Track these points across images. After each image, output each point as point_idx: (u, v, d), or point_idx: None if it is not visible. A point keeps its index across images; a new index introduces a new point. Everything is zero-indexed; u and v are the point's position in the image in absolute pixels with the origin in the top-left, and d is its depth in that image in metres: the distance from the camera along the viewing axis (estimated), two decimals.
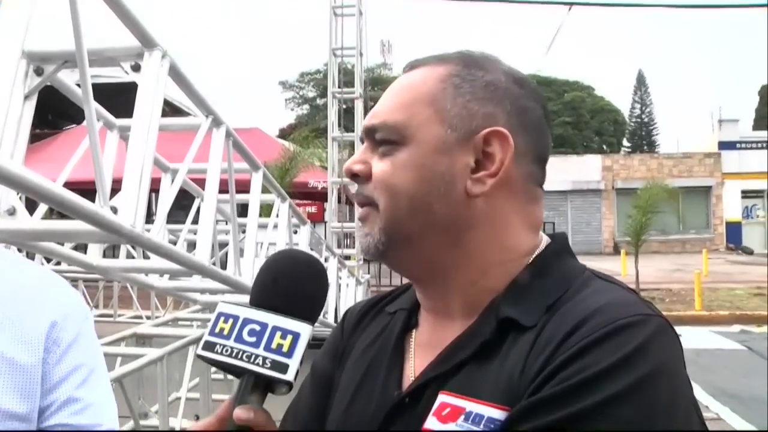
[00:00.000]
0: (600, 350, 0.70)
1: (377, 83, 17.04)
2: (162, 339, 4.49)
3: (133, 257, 3.86)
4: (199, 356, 0.73)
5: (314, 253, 5.82)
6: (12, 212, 2.17)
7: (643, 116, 44.32)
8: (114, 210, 2.02)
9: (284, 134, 25.98)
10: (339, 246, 11.93)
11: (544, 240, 0.91)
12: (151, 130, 2.20)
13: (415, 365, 0.88)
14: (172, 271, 2.87)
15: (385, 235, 0.86)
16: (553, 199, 25.69)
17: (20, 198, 2.14)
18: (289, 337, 0.69)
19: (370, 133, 0.89)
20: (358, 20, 11.93)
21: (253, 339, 0.69)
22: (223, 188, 2.98)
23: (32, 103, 2.20)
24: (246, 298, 2.57)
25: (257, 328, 0.69)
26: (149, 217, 2.29)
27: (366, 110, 12.41)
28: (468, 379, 0.79)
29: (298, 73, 38.72)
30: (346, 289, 7.27)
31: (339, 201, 12.59)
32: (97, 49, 2.24)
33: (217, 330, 0.71)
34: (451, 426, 0.76)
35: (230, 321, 0.71)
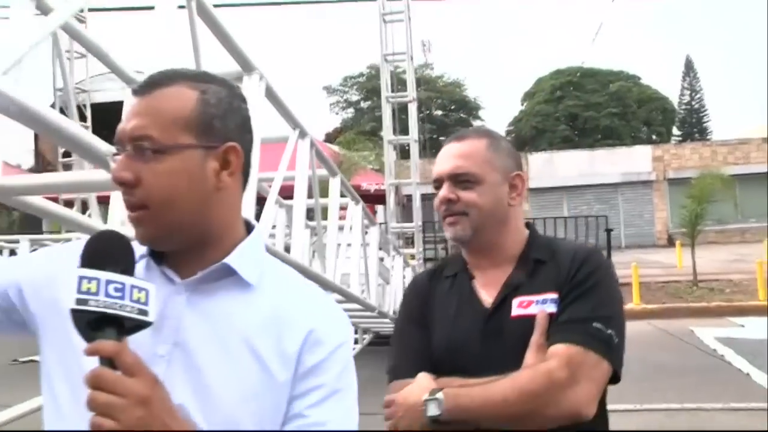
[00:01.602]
0: (588, 263, 1.47)
1: (421, 83, 17.26)
2: None
3: None
4: (73, 311, 0.84)
5: (382, 252, 6.11)
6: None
7: (693, 103, 43.26)
8: None
9: (330, 138, 26.40)
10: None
11: (527, 233, 1.60)
12: (254, 146, 2.47)
13: (485, 295, 1.51)
14: None
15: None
16: (603, 192, 25.39)
17: None
18: (143, 292, 0.87)
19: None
20: (407, 26, 12.21)
21: (118, 294, 0.85)
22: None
23: None
24: (333, 295, 2.85)
25: (119, 286, 0.85)
26: None
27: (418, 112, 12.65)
28: (525, 289, 1.48)
29: (341, 78, 39.21)
30: None
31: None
32: None
33: (83, 289, 0.83)
34: (531, 309, 1.44)
35: (94, 282, 0.84)
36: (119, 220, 2.47)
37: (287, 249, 3.08)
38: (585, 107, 34.80)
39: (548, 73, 37.10)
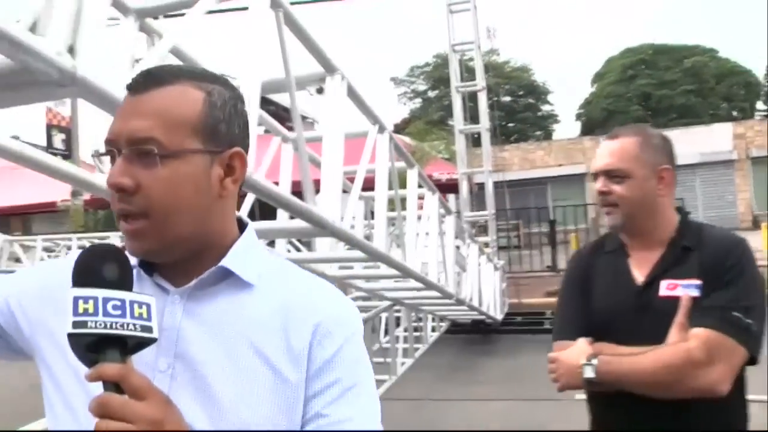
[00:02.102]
0: (733, 253, 1.68)
1: (488, 70, 17.13)
2: None
3: (299, 251, 4.38)
4: (70, 335, 0.77)
5: (458, 241, 6.20)
6: None
7: None
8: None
9: (399, 129, 26.50)
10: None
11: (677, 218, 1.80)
12: (339, 142, 2.62)
13: (638, 274, 1.75)
14: (352, 259, 3.31)
15: None
16: (680, 173, 24.35)
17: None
18: (145, 307, 0.81)
19: None
20: (474, 15, 12.15)
21: (118, 312, 0.78)
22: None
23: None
24: (411, 283, 2.98)
25: (118, 303, 0.79)
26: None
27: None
28: (673, 273, 1.69)
29: (408, 68, 39.21)
30: (485, 274, 7.58)
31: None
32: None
33: (80, 311, 0.77)
34: (677, 291, 1.65)
35: (90, 302, 0.77)
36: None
37: (368, 238, 3.22)
38: (658, 86, 33.46)
39: (618, 53, 35.89)
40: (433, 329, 8.11)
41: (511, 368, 8.55)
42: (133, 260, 0.94)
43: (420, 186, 4.16)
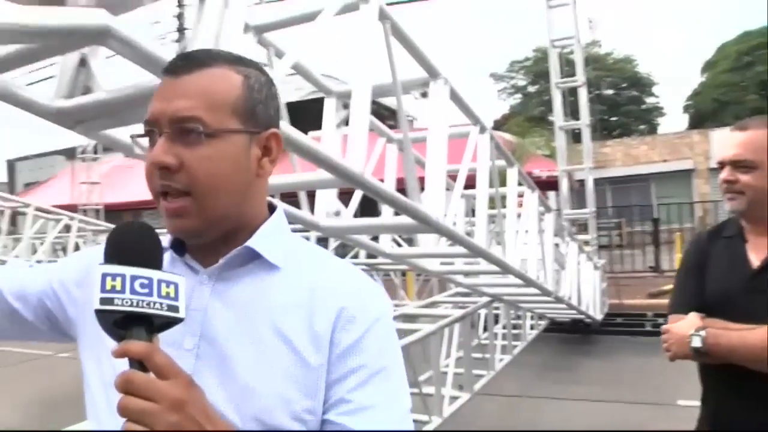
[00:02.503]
0: None
1: (589, 62, 16.67)
2: (426, 318, 5.12)
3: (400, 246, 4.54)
4: (98, 311, 0.78)
5: (557, 239, 6.19)
6: (338, 213, 2.88)
7: None
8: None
9: (499, 125, 26.23)
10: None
11: None
12: (443, 142, 2.76)
13: (754, 258, 1.85)
14: (453, 255, 3.44)
15: None
16: None
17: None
18: (172, 286, 0.81)
19: None
20: (574, 9, 11.92)
21: (146, 290, 0.78)
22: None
23: (340, 129, 2.89)
24: (510, 279, 3.08)
25: (146, 281, 0.79)
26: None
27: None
28: None
29: (507, 63, 38.71)
30: (584, 272, 7.49)
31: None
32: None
33: (108, 288, 0.77)
34: None
35: (118, 279, 0.78)
36: (324, 212, 2.87)
37: (468, 235, 3.33)
38: None
39: (733, 38, 33.67)
40: (532, 327, 8.08)
41: (611, 370, 8.39)
42: (165, 241, 0.98)
43: (520, 184, 4.22)
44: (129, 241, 0.84)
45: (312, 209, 2.89)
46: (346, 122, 2.87)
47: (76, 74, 1.80)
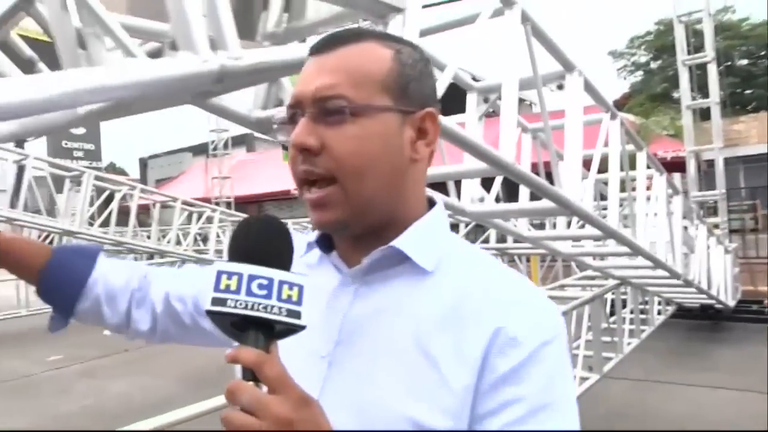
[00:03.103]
0: None
1: (719, 31, 15.70)
2: (555, 300, 5.27)
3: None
4: (208, 312, 0.71)
5: (686, 222, 6.11)
6: (482, 200, 3.14)
7: None
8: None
9: (619, 105, 25.26)
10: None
11: None
12: (578, 130, 2.96)
13: None
14: (583, 236, 3.62)
15: None
16: None
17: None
18: (296, 289, 0.71)
19: None
20: None
21: (264, 292, 0.70)
22: None
23: (481, 123, 3.14)
24: (639, 261, 3.23)
25: (264, 282, 0.70)
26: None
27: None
28: None
29: (627, 40, 37.03)
30: (714, 256, 7.32)
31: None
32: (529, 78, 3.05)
33: (222, 287, 0.70)
34: None
35: (234, 278, 0.70)
36: (469, 198, 3.15)
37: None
38: None
39: None
40: (659, 312, 7.99)
41: (743, 358, 8.12)
42: (312, 237, 0.93)
43: (648, 167, 4.30)
44: (253, 236, 0.75)
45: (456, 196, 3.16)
46: (485, 115, 3.13)
47: (269, 89, 2.17)
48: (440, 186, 3.04)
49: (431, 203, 0.92)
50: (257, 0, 1.87)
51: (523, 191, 3.26)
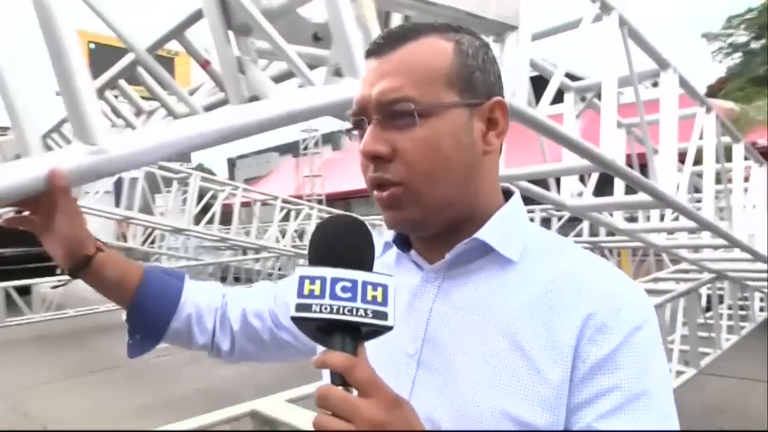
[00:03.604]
0: None
1: None
2: (650, 293, 5.24)
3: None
4: (293, 318, 0.70)
5: None
6: (580, 194, 3.30)
7: None
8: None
9: (713, 91, 24.03)
10: None
11: None
12: (673, 125, 3.07)
13: None
14: (678, 229, 3.70)
15: None
16: None
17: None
18: (380, 289, 0.71)
19: None
20: None
21: (348, 294, 0.70)
22: None
23: (578, 121, 3.29)
24: (736, 254, 3.29)
25: (348, 284, 0.70)
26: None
27: None
28: None
29: (724, 19, 35.07)
30: None
31: None
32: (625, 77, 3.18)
33: (306, 292, 0.70)
34: None
35: (317, 282, 0.70)
36: (569, 192, 3.32)
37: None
38: None
39: None
40: (761, 309, 7.75)
41: None
42: (390, 235, 0.92)
43: (746, 158, 4.30)
44: (333, 238, 0.75)
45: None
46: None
47: None
48: (541, 182, 3.23)
49: (508, 194, 0.91)
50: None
51: (618, 184, 3.40)
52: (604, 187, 3.61)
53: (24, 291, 9.56)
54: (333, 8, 1.40)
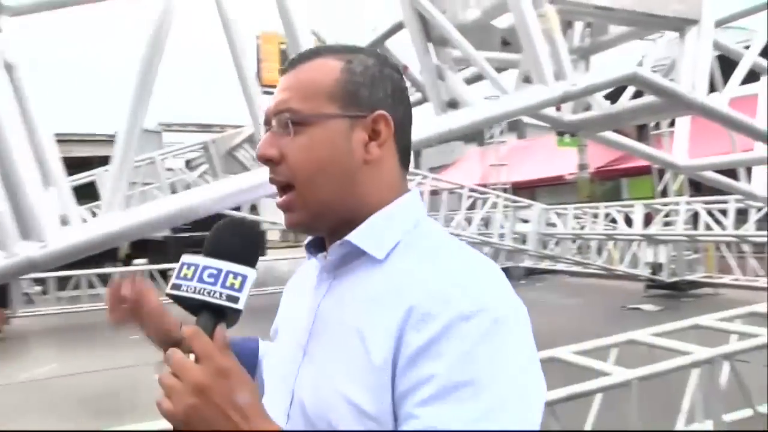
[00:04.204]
0: None
1: None
2: None
3: None
4: (168, 295, 0.84)
5: None
6: None
7: None
8: None
9: None
10: None
11: None
12: None
13: None
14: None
15: None
16: None
17: None
18: (239, 278, 0.82)
19: None
20: None
21: (211, 280, 0.81)
22: None
23: None
24: None
25: (214, 272, 0.82)
26: None
27: None
28: None
29: None
30: None
31: None
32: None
33: (182, 275, 0.82)
34: None
35: (192, 268, 0.82)
36: (762, 183, 3.21)
37: None
38: None
39: None
40: None
41: None
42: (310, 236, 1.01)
43: None
44: (222, 235, 0.87)
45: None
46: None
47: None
48: (730, 172, 3.15)
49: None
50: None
51: None
52: None
53: None
54: (522, 24, 1.65)
